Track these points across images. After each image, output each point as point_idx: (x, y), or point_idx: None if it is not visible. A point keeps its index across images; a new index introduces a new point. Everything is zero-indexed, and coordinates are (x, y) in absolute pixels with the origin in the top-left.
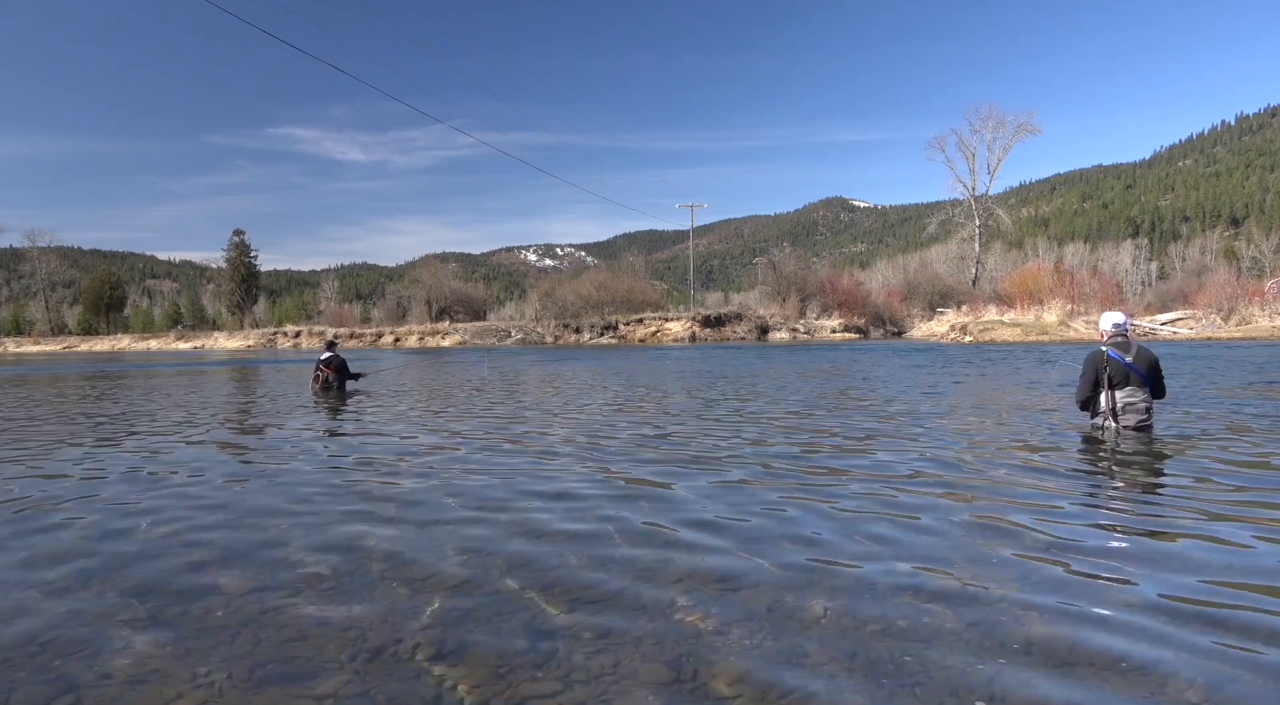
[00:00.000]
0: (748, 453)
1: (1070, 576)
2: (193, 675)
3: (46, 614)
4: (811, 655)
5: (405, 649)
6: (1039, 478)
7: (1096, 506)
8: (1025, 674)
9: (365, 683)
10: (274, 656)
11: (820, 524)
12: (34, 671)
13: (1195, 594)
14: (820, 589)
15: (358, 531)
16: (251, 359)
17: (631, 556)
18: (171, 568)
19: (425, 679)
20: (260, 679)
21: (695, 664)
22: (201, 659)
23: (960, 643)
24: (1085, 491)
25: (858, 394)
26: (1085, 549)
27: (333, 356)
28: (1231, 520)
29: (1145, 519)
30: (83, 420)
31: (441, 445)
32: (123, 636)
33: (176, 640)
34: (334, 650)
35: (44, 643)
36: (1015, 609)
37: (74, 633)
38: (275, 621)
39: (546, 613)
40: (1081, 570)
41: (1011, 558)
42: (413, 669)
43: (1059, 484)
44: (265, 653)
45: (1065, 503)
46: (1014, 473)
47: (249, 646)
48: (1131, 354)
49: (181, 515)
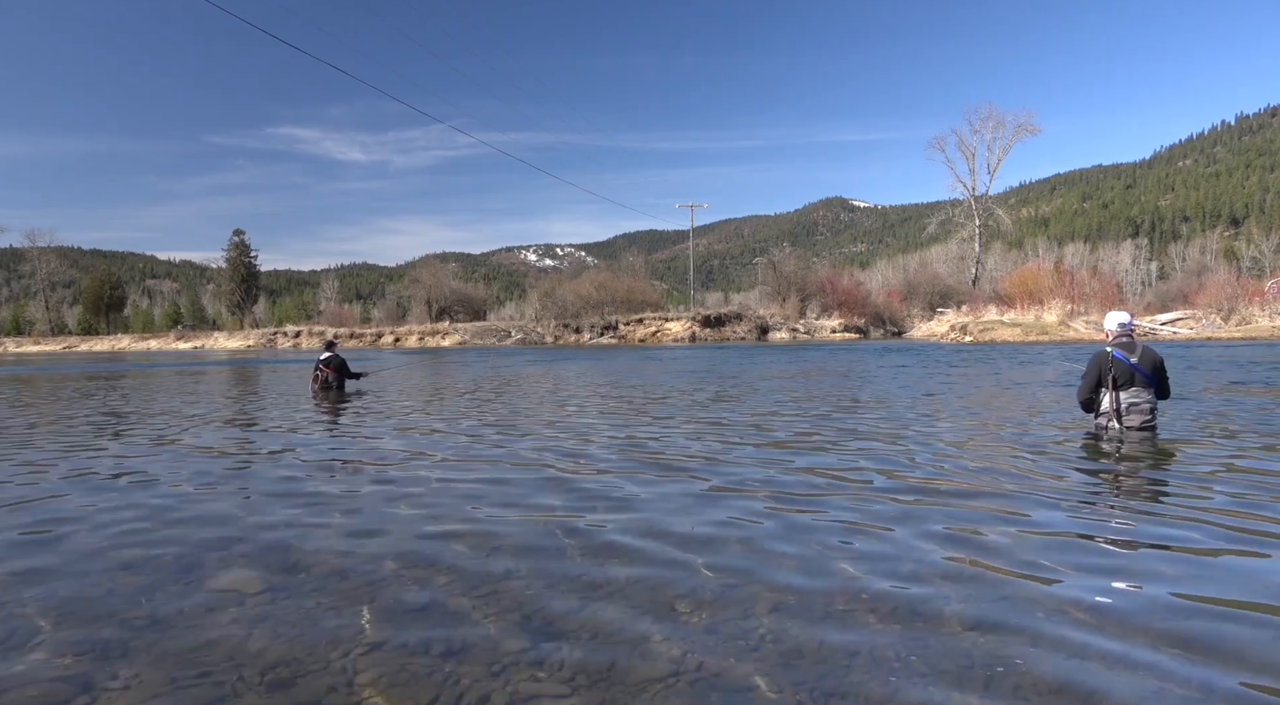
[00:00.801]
0: (723, 457)
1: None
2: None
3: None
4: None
5: (331, 667)
6: (1032, 483)
7: (1087, 515)
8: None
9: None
10: (184, 671)
11: (786, 534)
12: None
13: (1201, 621)
14: (765, 602)
15: (293, 536)
16: (251, 359)
17: (577, 571)
18: (93, 577)
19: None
20: (170, 693)
21: (620, 693)
22: (111, 671)
23: (925, 668)
24: (1080, 500)
25: (849, 394)
26: (1076, 565)
27: (332, 356)
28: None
29: (1142, 532)
30: (47, 422)
31: (415, 449)
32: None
33: (82, 650)
34: (240, 670)
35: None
36: (1014, 639)
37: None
38: (184, 634)
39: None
40: (1070, 593)
41: (995, 577)
42: (331, 683)
43: (1057, 489)
44: (171, 667)
45: (1056, 512)
46: (1005, 478)
47: (152, 660)
48: (1136, 354)
49: (114, 521)
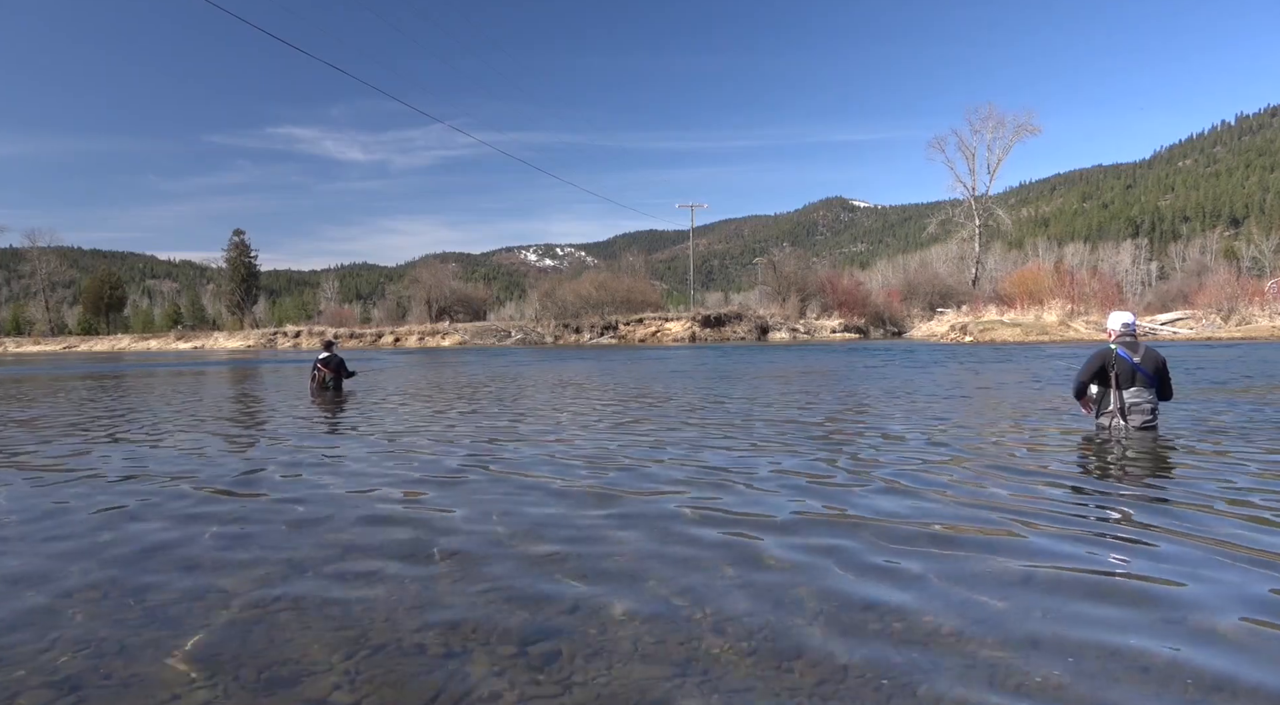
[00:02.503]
0: (690, 462)
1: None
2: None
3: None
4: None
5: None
6: (1030, 483)
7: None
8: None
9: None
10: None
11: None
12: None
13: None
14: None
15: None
16: (251, 359)
17: (483, 589)
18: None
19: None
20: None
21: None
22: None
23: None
24: (1077, 504)
25: (850, 395)
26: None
27: (330, 356)
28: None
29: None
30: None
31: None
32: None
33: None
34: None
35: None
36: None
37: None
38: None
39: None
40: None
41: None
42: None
43: (1054, 495)
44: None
45: (1048, 518)
46: (1000, 483)
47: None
48: (1139, 354)
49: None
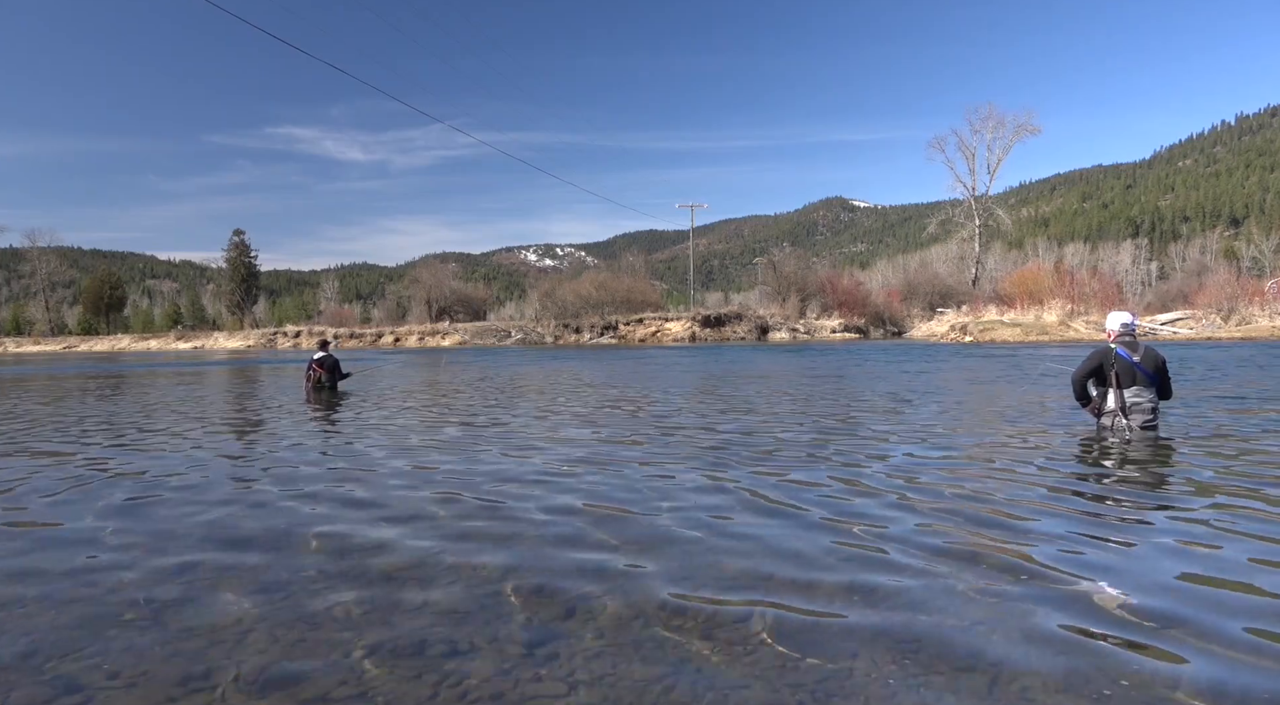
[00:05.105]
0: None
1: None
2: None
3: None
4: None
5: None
6: (1029, 486)
7: (1082, 517)
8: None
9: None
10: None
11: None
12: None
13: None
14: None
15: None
16: (251, 359)
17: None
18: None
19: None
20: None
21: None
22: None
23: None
24: (1077, 506)
25: (848, 397)
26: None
27: (325, 356)
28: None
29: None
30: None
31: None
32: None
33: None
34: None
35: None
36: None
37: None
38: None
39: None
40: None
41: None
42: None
43: (1052, 498)
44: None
45: (1041, 526)
46: (998, 486)
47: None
48: (1139, 354)
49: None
